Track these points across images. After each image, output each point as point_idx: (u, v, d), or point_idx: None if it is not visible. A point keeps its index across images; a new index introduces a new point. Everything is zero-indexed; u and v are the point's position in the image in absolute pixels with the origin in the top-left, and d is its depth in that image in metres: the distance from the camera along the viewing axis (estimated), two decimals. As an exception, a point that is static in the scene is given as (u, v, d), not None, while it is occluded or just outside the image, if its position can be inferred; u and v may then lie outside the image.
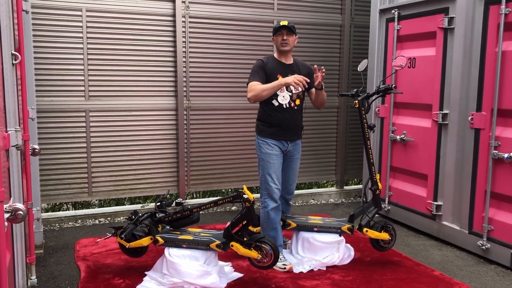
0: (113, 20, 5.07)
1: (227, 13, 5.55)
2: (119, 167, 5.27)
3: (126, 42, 5.15)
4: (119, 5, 5.07)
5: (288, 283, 3.54)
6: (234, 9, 5.57)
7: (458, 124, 4.36)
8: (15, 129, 2.29)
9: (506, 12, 3.81)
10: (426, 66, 4.67)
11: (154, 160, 5.41)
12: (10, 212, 1.55)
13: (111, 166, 5.24)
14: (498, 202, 4.01)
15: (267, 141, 3.80)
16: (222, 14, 5.53)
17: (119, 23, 5.10)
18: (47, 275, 3.73)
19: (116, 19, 5.08)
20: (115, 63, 5.13)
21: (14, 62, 2.44)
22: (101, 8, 5.02)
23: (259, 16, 5.70)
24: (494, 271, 3.89)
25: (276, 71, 3.77)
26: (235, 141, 5.75)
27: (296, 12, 5.87)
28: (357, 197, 6.40)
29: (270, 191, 3.76)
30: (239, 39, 5.63)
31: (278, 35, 3.78)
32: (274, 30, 3.81)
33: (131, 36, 5.16)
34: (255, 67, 3.78)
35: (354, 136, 6.40)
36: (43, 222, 4.66)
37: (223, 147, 5.71)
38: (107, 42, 5.08)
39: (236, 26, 5.61)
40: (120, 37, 5.12)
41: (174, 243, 3.52)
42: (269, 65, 3.77)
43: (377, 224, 3.96)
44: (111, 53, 5.10)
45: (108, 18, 5.05)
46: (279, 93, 3.75)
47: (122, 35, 5.13)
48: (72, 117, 5.03)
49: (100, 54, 5.06)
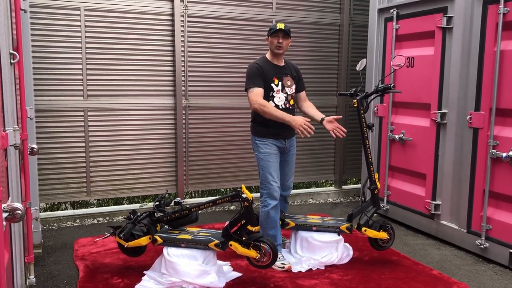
0: (112, 19, 5.07)
1: (226, 13, 5.54)
2: (118, 166, 5.27)
3: (124, 42, 5.14)
4: (117, 4, 5.07)
5: (287, 282, 3.54)
6: (233, 9, 5.57)
7: (457, 123, 4.36)
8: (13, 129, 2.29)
9: (505, 11, 3.82)
10: (424, 66, 4.68)
11: (153, 160, 5.41)
12: (8, 211, 1.55)
13: (110, 165, 5.23)
14: (496, 202, 4.01)
15: (265, 141, 3.83)
16: (221, 14, 5.53)
17: (117, 22, 5.09)
18: (45, 275, 3.73)
19: (114, 18, 5.08)
20: (113, 63, 5.13)
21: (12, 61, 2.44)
22: (100, 7, 5.01)
23: (258, 15, 5.70)
24: (493, 270, 3.90)
25: (271, 74, 3.81)
26: (233, 141, 5.75)
27: (295, 12, 5.87)
28: (356, 196, 6.41)
29: (271, 190, 3.77)
30: (238, 39, 5.63)
31: (274, 37, 3.79)
32: (270, 31, 3.82)
33: (130, 35, 5.16)
34: (252, 71, 3.79)
35: (352, 136, 6.40)
36: (41, 221, 4.65)
37: (221, 146, 5.71)
38: (106, 41, 5.07)
39: (235, 26, 5.60)
40: (119, 36, 5.12)
41: (173, 242, 3.52)
42: (265, 68, 3.80)
43: (375, 224, 3.96)
44: (109, 53, 5.10)
45: (106, 17, 5.04)
46: (275, 94, 3.81)
47: (120, 34, 5.12)
48: (71, 116, 5.02)
49: (98, 54, 5.06)
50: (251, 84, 3.75)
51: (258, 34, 5.70)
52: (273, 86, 3.80)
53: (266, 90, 3.78)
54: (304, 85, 4.12)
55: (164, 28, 5.30)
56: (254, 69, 3.79)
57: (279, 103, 3.82)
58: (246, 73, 3.83)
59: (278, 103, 3.82)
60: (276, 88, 3.81)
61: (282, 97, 3.83)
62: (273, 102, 3.80)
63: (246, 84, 3.80)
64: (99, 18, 5.02)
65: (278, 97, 3.82)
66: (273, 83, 3.80)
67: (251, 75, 3.78)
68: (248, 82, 3.79)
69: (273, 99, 3.81)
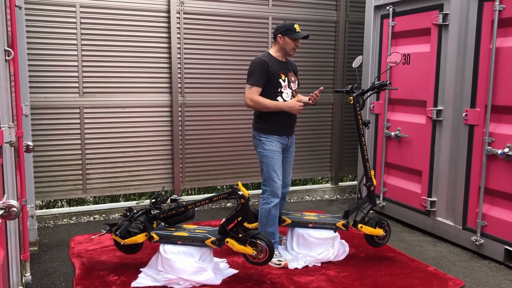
0: (107, 16, 5.05)
1: (222, 9, 5.53)
2: (114, 164, 5.26)
3: (120, 39, 5.12)
4: (113, 1, 5.04)
5: (283, 279, 3.55)
6: (229, 5, 5.56)
7: (452, 120, 4.37)
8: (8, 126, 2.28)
9: (500, 8, 3.83)
10: (420, 63, 4.69)
11: (149, 157, 5.40)
12: (3, 209, 1.54)
13: (106, 163, 5.22)
14: (491, 198, 4.03)
15: (271, 138, 3.80)
16: (217, 10, 5.51)
17: (113, 19, 5.07)
18: (41, 272, 3.72)
19: (110, 15, 5.06)
20: (109, 60, 5.11)
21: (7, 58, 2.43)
22: (95, 4, 4.98)
23: (254, 12, 5.69)
24: (488, 267, 3.92)
25: (278, 70, 3.78)
26: (230, 138, 5.74)
27: (291, 8, 5.87)
28: (352, 193, 6.42)
29: (275, 187, 3.77)
30: (234, 35, 5.62)
31: (294, 41, 3.77)
32: (289, 32, 3.73)
33: (126, 32, 5.14)
34: (257, 68, 3.72)
35: (349, 133, 6.41)
36: (37, 219, 4.64)
37: (218, 143, 5.70)
38: (101, 38, 5.05)
39: (231, 22, 5.59)
40: (114, 33, 5.10)
41: (169, 239, 3.52)
42: (271, 65, 3.75)
43: (371, 220, 3.98)
44: (105, 50, 5.08)
45: (102, 14, 5.02)
46: (283, 90, 3.79)
47: (116, 31, 5.10)
48: (66, 113, 5.00)
49: (94, 51, 5.04)
50: (251, 81, 3.72)
51: (254, 31, 5.69)
52: (281, 82, 3.77)
53: (274, 86, 3.75)
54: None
55: (160, 25, 5.28)
56: (260, 65, 3.72)
57: (287, 99, 3.80)
58: (251, 67, 3.76)
59: (286, 99, 3.80)
60: (283, 84, 3.79)
61: (289, 92, 3.82)
62: (281, 98, 3.78)
63: (248, 79, 3.76)
64: (94, 15, 4.99)
65: (286, 92, 3.80)
66: (280, 78, 3.77)
67: (255, 71, 3.72)
68: (249, 77, 3.75)
69: (282, 95, 3.78)
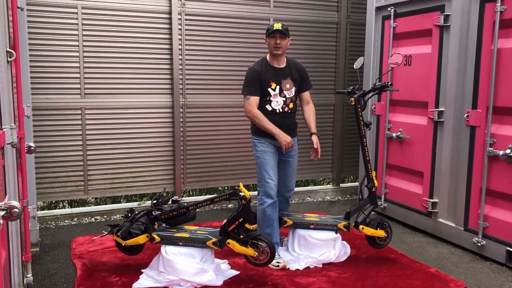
0: (109, 17, 5.06)
1: (223, 11, 5.54)
2: (115, 165, 5.26)
3: (121, 40, 5.13)
4: (114, 2, 5.05)
5: (285, 280, 3.55)
6: (230, 7, 5.56)
7: (454, 121, 4.37)
8: (10, 127, 2.28)
9: (502, 9, 3.82)
10: (422, 64, 4.68)
11: (150, 158, 5.40)
12: (5, 210, 1.55)
13: (107, 164, 5.23)
14: (493, 199, 4.03)
15: (262, 140, 3.85)
16: (218, 12, 5.52)
17: (114, 21, 5.08)
18: (43, 273, 3.72)
19: (111, 17, 5.07)
20: (111, 61, 5.12)
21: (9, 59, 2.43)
22: (97, 5, 4.99)
23: (256, 13, 5.69)
24: (490, 268, 3.91)
25: (269, 78, 3.81)
26: (231, 139, 5.75)
27: (292, 10, 5.87)
28: (353, 194, 6.42)
29: (267, 188, 3.77)
30: (235, 37, 5.62)
31: (271, 38, 3.78)
32: (267, 32, 3.81)
33: (127, 33, 5.14)
34: (250, 77, 3.80)
35: (350, 134, 6.41)
36: (39, 220, 4.64)
37: (219, 145, 5.70)
38: (103, 39, 5.06)
39: (232, 24, 5.60)
40: (116, 34, 5.10)
41: (171, 240, 3.52)
42: (263, 73, 3.79)
43: (373, 221, 3.97)
44: (106, 51, 5.08)
45: (103, 16, 5.03)
46: (272, 98, 3.82)
47: (118, 32, 5.11)
48: (68, 114, 5.01)
49: (95, 52, 5.04)
50: (246, 91, 3.79)
51: (255, 33, 5.69)
52: (270, 91, 3.80)
53: (263, 95, 3.79)
54: (311, 84, 4.08)
55: (162, 26, 5.29)
56: (252, 74, 3.79)
57: (276, 107, 3.83)
58: (245, 77, 3.84)
59: (276, 107, 3.83)
60: (273, 93, 3.81)
61: (280, 101, 3.83)
62: (270, 106, 3.81)
63: (243, 89, 3.83)
64: (96, 16, 5.00)
65: (276, 101, 3.82)
66: (270, 87, 3.80)
67: (248, 81, 3.80)
68: (244, 88, 3.81)
69: (270, 104, 3.81)
